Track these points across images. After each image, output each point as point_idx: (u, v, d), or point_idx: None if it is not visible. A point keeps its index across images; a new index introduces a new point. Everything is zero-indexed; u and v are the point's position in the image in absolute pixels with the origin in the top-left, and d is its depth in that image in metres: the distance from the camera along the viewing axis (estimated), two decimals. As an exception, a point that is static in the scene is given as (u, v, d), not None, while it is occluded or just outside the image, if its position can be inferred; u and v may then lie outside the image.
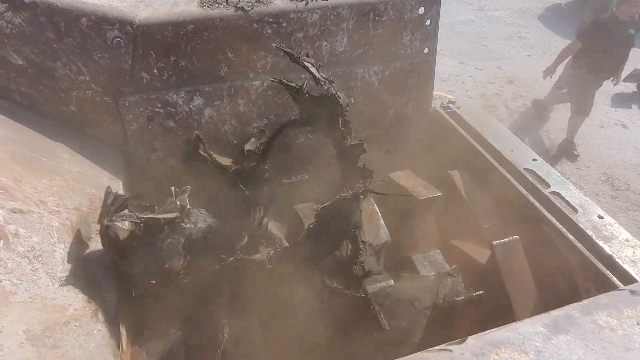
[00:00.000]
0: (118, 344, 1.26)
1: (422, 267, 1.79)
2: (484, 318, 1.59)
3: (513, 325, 1.09)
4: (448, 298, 1.59)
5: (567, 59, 6.06)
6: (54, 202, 1.42)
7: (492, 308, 1.65)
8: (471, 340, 1.01)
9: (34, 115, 1.73)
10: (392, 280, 1.65)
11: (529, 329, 1.06)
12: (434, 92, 2.45)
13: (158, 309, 1.55)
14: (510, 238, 1.75)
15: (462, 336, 1.03)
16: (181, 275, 1.47)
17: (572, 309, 1.14)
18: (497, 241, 1.73)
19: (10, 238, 1.21)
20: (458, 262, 1.82)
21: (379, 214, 1.98)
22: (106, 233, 1.36)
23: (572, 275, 1.64)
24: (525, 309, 1.64)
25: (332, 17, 1.97)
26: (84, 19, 1.64)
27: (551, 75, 6.14)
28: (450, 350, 0.97)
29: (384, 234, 1.86)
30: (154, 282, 1.43)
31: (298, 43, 1.97)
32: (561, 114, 6.49)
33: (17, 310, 1.09)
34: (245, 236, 1.61)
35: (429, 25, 2.16)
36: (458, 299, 1.59)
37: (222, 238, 1.57)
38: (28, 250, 1.23)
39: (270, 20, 1.88)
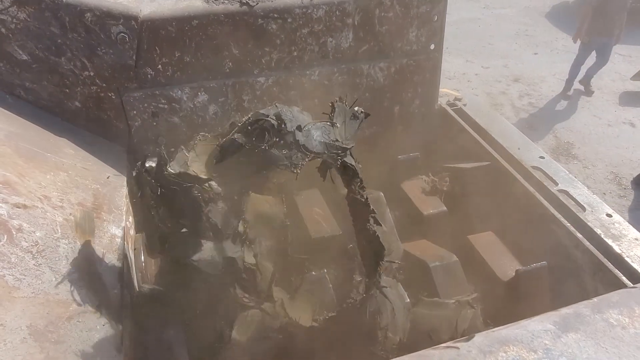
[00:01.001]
0: (121, 340, 1.26)
1: (441, 282, 1.67)
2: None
3: (522, 322, 1.07)
4: (466, 333, 1.48)
5: None
6: (58, 198, 1.41)
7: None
8: (478, 337, 0.99)
9: (38, 111, 1.72)
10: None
11: (538, 327, 1.04)
12: (441, 89, 2.43)
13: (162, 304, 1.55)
14: (537, 264, 1.64)
15: None
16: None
17: (582, 307, 1.11)
18: (523, 268, 1.62)
19: (14, 233, 1.21)
20: (478, 274, 1.74)
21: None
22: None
23: (580, 274, 1.61)
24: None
25: (337, 12, 1.95)
26: (88, 14, 1.64)
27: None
28: (457, 348, 0.95)
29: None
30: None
31: (303, 39, 1.96)
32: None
33: (21, 305, 1.09)
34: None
35: (436, 21, 2.14)
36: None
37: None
38: (32, 245, 1.23)
39: (276, 15, 1.87)
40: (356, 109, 1.41)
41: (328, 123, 1.29)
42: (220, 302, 1.47)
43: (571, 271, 1.65)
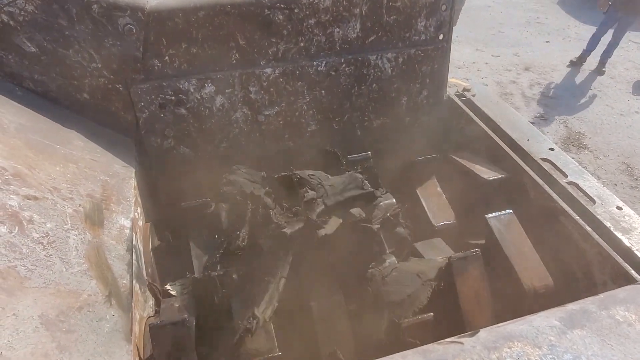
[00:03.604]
0: (131, 329, 1.28)
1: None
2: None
3: (527, 318, 1.07)
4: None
5: None
6: (68, 189, 1.43)
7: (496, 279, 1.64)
8: (483, 333, 0.99)
9: (47, 103, 1.74)
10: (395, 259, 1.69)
11: (543, 323, 1.03)
12: (449, 80, 2.41)
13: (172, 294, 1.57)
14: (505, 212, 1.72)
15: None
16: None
17: (588, 303, 1.10)
18: (491, 215, 1.71)
19: (25, 224, 1.23)
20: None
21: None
22: None
23: (588, 268, 1.60)
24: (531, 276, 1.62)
25: (344, 2, 1.93)
26: (95, 5, 1.64)
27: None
28: (462, 343, 0.95)
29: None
30: None
31: (310, 30, 1.94)
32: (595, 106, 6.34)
33: (32, 295, 1.11)
34: None
35: (444, 10, 2.10)
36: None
37: None
38: (42, 236, 1.24)
39: (282, 6, 1.85)
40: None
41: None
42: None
43: (580, 265, 1.64)
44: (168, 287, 1.59)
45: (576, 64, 7.30)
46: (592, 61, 7.34)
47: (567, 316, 1.06)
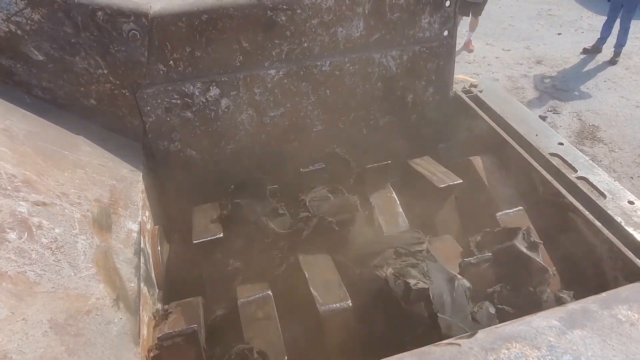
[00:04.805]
0: (139, 332, 1.29)
1: None
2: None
3: (526, 318, 1.05)
4: None
5: None
6: (76, 195, 1.45)
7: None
8: (481, 334, 0.98)
9: (55, 110, 1.77)
10: None
11: (543, 323, 1.02)
12: (457, 76, 2.38)
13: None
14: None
15: None
16: None
17: (590, 302, 1.08)
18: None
19: (34, 230, 1.25)
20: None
21: (398, 201, 1.96)
22: None
23: (599, 264, 1.57)
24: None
25: (347, 1, 1.92)
26: (99, 12, 1.66)
27: None
28: (459, 345, 0.94)
29: (402, 222, 1.84)
30: None
31: (313, 30, 1.94)
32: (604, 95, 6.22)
33: (41, 299, 1.13)
34: None
35: (449, 6, 2.08)
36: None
37: None
38: (51, 241, 1.27)
39: (285, 7, 1.86)
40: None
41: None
42: None
43: (590, 261, 1.61)
44: None
45: (590, 51, 7.20)
46: (607, 53, 7.20)
47: (567, 316, 1.04)
